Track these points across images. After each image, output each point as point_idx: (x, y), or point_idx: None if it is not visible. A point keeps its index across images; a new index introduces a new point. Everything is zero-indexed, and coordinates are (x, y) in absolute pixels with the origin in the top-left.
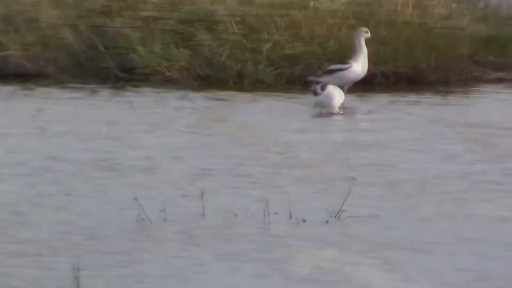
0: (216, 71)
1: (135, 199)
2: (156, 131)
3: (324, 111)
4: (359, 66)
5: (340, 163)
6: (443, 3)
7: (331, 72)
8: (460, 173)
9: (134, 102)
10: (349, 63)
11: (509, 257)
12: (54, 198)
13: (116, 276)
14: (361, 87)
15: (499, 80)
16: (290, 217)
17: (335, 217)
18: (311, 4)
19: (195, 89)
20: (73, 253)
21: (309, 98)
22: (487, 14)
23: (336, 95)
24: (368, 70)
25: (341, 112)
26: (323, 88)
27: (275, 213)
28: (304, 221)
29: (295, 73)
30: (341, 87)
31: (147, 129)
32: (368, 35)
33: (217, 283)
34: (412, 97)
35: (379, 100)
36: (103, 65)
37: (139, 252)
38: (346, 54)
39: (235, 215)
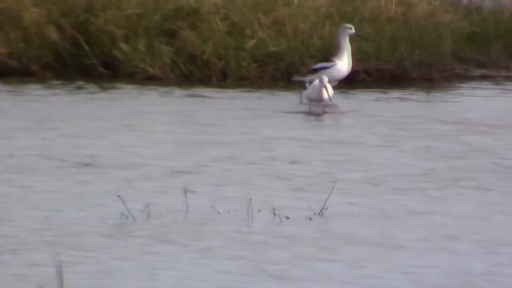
0: (200, 68)
1: (119, 196)
2: (138, 128)
3: (312, 104)
4: (343, 64)
5: (323, 160)
6: (426, 0)
7: (315, 70)
8: (433, 169)
9: (117, 99)
10: (334, 61)
11: (480, 254)
12: (37, 195)
13: (92, 272)
14: (344, 84)
15: (483, 77)
16: (274, 214)
17: (319, 214)
18: (295, 1)
19: (179, 86)
20: (56, 249)
21: (293, 96)
22: (470, 11)
23: (323, 90)
24: (352, 67)
25: (329, 103)
26: (310, 82)
27: (258, 210)
28: (287, 218)
29: (278, 70)
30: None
31: (129, 126)
32: (352, 31)
33: (188, 280)
34: (394, 93)
35: (362, 97)
36: (86, 63)
37: (118, 248)
38: (330, 51)
39: (218, 213)
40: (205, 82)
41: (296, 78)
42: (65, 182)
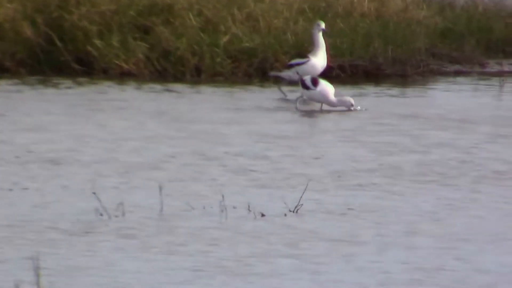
0: (174, 64)
1: (94, 193)
2: (112, 124)
3: (315, 105)
4: (317, 60)
5: (296, 157)
6: None
7: (290, 66)
8: (397, 165)
9: (89, 95)
10: (308, 57)
11: (439, 249)
12: (12, 193)
13: (66, 269)
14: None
15: (456, 73)
16: (249, 211)
17: (293, 211)
18: None
19: (152, 82)
20: (30, 247)
21: (267, 91)
22: (443, 7)
23: (330, 91)
24: (327, 63)
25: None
26: (315, 82)
27: (234, 207)
28: (262, 215)
29: (252, 66)
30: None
31: (103, 122)
32: (323, 27)
33: (152, 275)
34: (368, 89)
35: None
36: (60, 59)
37: (91, 245)
38: (303, 47)
39: (193, 209)
40: (179, 78)
41: (272, 73)
42: (38, 178)
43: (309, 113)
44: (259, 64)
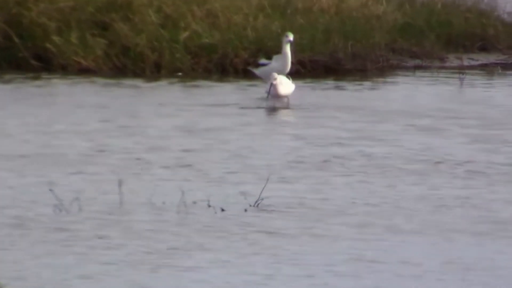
0: (133, 61)
1: (50, 190)
2: (69, 120)
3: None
4: (277, 66)
5: (253, 151)
6: None
7: (258, 65)
8: (327, 157)
9: (47, 91)
10: (271, 60)
11: (387, 240)
12: None
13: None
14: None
15: (416, 67)
16: (209, 206)
17: (254, 206)
18: None
19: (111, 78)
20: None
21: (227, 87)
22: (403, 2)
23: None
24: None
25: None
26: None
27: (194, 202)
28: (222, 210)
29: (212, 62)
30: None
31: (60, 118)
32: (290, 39)
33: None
34: (325, 84)
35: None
36: (19, 55)
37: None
38: (263, 43)
39: (153, 204)
40: (139, 74)
41: (250, 67)
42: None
43: (270, 108)
44: (218, 60)
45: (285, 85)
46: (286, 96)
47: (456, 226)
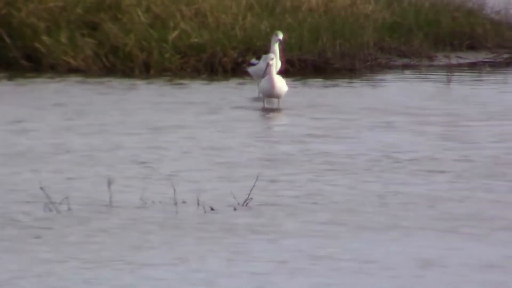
0: (122, 60)
1: (41, 188)
2: (59, 119)
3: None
4: (264, 65)
5: (242, 150)
6: None
7: (249, 64)
8: (289, 153)
9: (36, 92)
10: (259, 60)
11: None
12: None
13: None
14: None
15: (404, 66)
16: (198, 205)
17: (243, 204)
18: None
19: (101, 77)
20: None
21: (216, 85)
22: (391, 1)
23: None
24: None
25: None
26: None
27: (183, 201)
28: (212, 209)
29: (201, 61)
30: (257, 78)
31: (51, 116)
32: (279, 37)
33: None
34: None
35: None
36: (8, 55)
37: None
38: (251, 42)
39: (145, 203)
40: (128, 73)
41: (244, 67)
42: None
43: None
44: (207, 59)
45: (282, 82)
46: (279, 96)
47: (417, 223)
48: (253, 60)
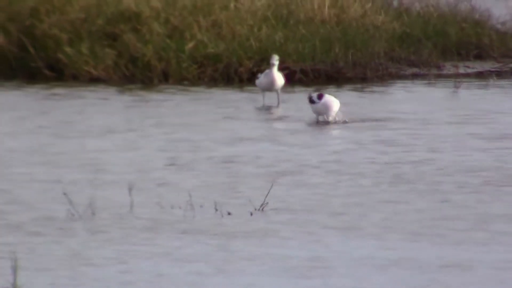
0: (141, 70)
1: (64, 194)
2: (81, 128)
3: (320, 119)
4: (264, 81)
5: (255, 156)
6: (358, 3)
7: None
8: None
9: (61, 100)
10: (261, 75)
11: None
12: None
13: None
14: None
15: (414, 76)
16: (216, 210)
17: (259, 209)
18: (232, 5)
19: (121, 87)
20: (4, 247)
21: (232, 95)
22: (400, 12)
23: (333, 104)
24: (288, 67)
25: (336, 119)
26: (320, 96)
27: (201, 206)
28: (229, 214)
29: (217, 71)
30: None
31: (75, 126)
32: (274, 62)
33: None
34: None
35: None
36: (32, 65)
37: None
38: (266, 52)
39: (162, 208)
40: (147, 83)
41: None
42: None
43: (274, 113)
44: (224, 69)
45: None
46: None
47: (373, 227)
48: (259, 75)
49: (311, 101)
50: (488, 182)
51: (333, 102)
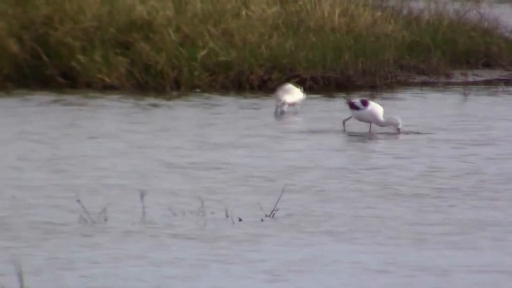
0: (154, 78)
1: (78, 200)
2: (96, 135)
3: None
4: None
5: (268, 163)
6: (368, 11)
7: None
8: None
9: (74, 108)
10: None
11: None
12: None
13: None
14: None
15: (423, 84)
16: (227, 216)
17: (270, 216)
18: (243, 13)
19: (134, 94)
20: (13, 251)
21: (242, 102)
22: (410, 21)
23: (378, 111)
24: (298, 75)
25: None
26: (364, 103)
27: (212, 212)
28: (240, 220)
29: (229, 78)
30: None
31: (87, 132)
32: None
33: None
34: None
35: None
36: (46, 73)
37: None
38: (277, 60)
39: (174, 215)
40: (159, 90)
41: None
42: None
43: (285, 122)
44: (235, 77)
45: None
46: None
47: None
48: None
49: (354, 107)
50: (495, 189)
51: (379, 109)
